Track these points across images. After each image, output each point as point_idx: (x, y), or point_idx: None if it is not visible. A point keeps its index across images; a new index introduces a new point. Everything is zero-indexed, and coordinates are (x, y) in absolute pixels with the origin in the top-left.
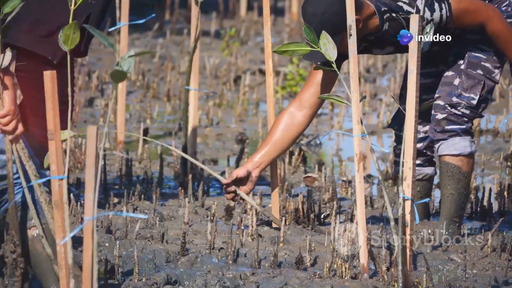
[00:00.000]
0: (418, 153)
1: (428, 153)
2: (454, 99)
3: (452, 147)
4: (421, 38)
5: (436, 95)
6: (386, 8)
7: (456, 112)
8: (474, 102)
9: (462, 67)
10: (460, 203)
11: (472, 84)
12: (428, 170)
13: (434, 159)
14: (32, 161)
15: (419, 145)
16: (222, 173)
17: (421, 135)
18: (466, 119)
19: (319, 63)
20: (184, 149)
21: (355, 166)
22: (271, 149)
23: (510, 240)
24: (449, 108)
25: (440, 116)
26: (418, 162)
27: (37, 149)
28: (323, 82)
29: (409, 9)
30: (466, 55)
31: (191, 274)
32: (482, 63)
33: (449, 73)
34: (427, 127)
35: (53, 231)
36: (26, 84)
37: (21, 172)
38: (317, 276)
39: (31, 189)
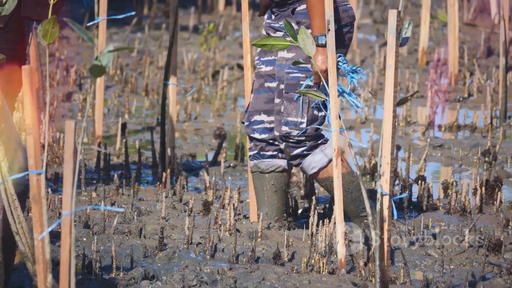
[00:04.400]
0: (268, 144)
1: (277, 143)
2: (284, 129)
3: (309, 167)
4: (399, 33)
5: (274, 125)
6: None
7: (291, 140)
8: (304, 125)
9: (284, 92)
10: (353, 199)
11: (296, 107)
12: (281, 162)
13: None
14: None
15: (265, 136)
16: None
17: (267, 125)
18: (305, 142)
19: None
20: (163, 144)
21: (333, 161)
22: None
23: (488, 235)
24: (283, 138)
25: (282, 145)
26: (269, 153)
27: None
28: None
29: None
30: (285, 77)
31: (168, 269)
32: (301, 82)
33: (276, 100)
34: (272, 117)
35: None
36: None
37: None
38: (294, 271)
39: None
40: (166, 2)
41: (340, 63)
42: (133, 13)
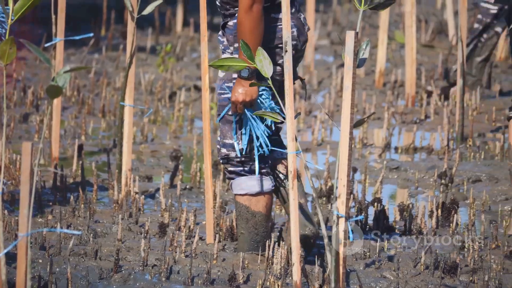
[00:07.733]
0: None
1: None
2: (223, 151)
3: (239, 187)
4: (357, 55)
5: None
6: None
7: (231, 162)
8: (240, 146)
9: (217, 113)
10: (252, 242)
11: (230, 129)
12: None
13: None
14: None
15: None
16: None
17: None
18: (244, 163)
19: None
20: (119, 166)
21: (290, 183)
22: None
23: (443, 258)
24: (223, 160)
25: (224, 166)
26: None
27: None
28: None
29: None
30: (217, 98)
31: None
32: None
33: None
34: None
35: None
36: None
37: None
38: None
39: None
40: (123, 23)
41: (263, 97)
42: (91, 34)
